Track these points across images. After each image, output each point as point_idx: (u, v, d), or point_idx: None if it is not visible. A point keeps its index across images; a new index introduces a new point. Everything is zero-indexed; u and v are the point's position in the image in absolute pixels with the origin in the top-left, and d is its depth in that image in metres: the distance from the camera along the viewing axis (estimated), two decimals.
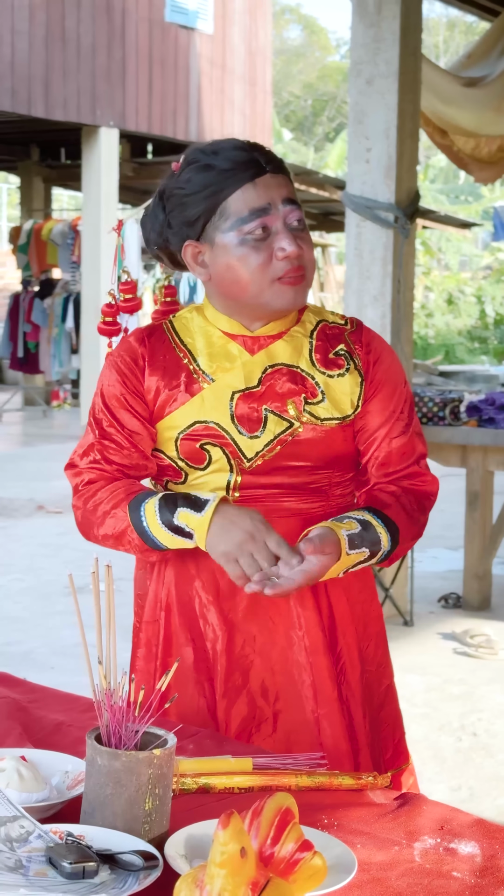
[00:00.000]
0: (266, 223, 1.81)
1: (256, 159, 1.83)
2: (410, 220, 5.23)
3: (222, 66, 13.94)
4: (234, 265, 1.83)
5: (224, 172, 1.82)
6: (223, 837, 1.11)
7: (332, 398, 1.88)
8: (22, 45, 11.62)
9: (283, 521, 1.86)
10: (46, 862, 1.27)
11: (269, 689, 1.87)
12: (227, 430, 1.85)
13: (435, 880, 1.30)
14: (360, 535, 1.81)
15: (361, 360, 1.92)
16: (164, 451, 1.89)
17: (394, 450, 1.93)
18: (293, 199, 1.85)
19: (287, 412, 1.86)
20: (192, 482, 1.87)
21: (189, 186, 1.85)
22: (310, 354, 1.90)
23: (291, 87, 35.49)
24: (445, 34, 33.88)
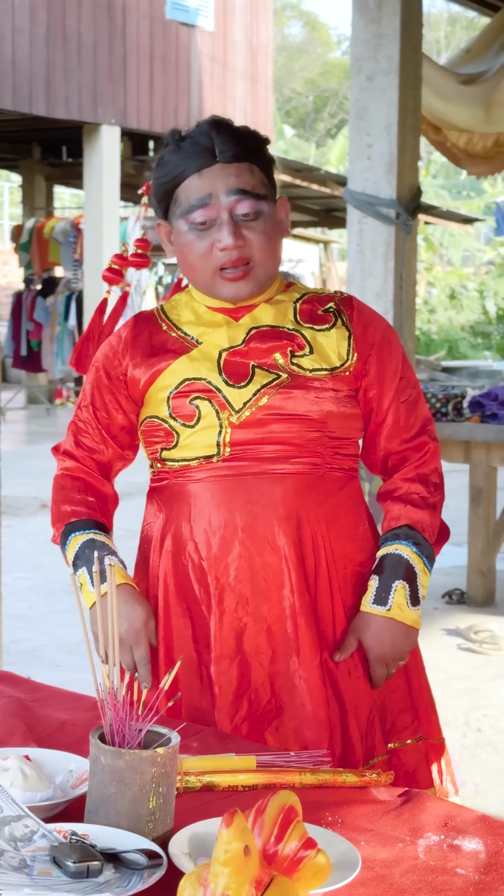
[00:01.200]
0: (208, 214, 1.87)
1: (211, 148, 1.87)
2: (412, 216, 5.23)
3: (223, 62, 13.93)
4: (185, 250, 1.91)
5: (182, 160, 1.89)
6: (227, 836, 1.11)
7: (319, 351, 1.92)
8: (23, 43, 11.62)
9: (278, 484, 1.86)
10: (51, 861, 1.27)
11: (262, 651, 1.86)
12: (215, 383, 1.88)
13: (439, 877, 1.30)
14: (382, 584, 1.89)
15: (350, 320, 1.95)
16: (157, 416, 1.92)
17: (401, 415, 1.97)
18: (244, 190, 1.87)
19: (274, 365, 1.89)
20: (184, 443, 1.89)
21: (157, 170, 1.94)
22: (295, 316, 1.94)
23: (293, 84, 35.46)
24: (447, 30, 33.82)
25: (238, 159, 1.88)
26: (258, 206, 1.88)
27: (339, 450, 1.92)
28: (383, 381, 1.96)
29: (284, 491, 1.86)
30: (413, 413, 1.99)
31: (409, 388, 1.99)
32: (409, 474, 1.98)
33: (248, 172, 1.89)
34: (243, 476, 1.87)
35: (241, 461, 1.87)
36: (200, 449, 1.88)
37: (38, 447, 11.73)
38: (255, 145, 1.92)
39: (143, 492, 2.05)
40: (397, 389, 1.97)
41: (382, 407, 1.97)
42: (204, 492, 1.88)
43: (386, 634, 1.89)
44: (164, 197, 1.93)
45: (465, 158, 6.96)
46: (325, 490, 1.90)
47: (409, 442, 1.98)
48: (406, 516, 1.94)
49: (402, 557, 1.91)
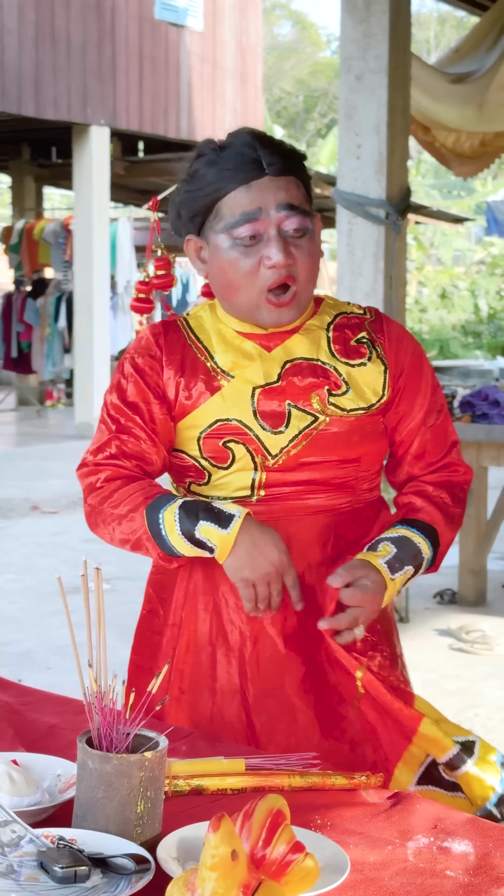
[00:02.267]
0: (256, 229, 1.78)
1: (258, 160, 1.78)
2: (402, 215, 5.23)
3: (213, 62, 13.92)
4: (226, 268, 1.81)
5: (223, 172, 1.79)
6: (214, 840, 1.10)
7: (356, 388, 1.85)
8: (12, 43, 11.60)
9: (310, 519, 1.84)
10: (38, 866, 1.26)
11: (305, 692, 1.84)
12: (250, 426, 1.82)
13: (428, 879, 1.30)
14: (397, 557, 1.83)
15: (384, 349, 1.89)
16: (186, 451, 1.85)
17: (428, 439, 1.93)
18: (293, 205, 1.79)
19: (311, 406, 1.82)
20: (216, 482, 1.84)
21: (192, 181, 1.83)
22: (329, 346, 1.87)
23: (283, 84, 35.47)
24: (436, 29, 33.86)
25: (286, 173, 1.79)
26: (305, 223, 1.80)
27: (369, 480, 1.90)
28: (412, 407, 1.91)
29: (318, 532, 1.83)
30: (440, 438, 1.94)
31: (436, 412, 1.93)
32: (437, 480, 1.94)
33: (296, 187, 1.80)
34: (277, 519, 1.82)
35: (276, 502, 1.83)
36: (233, 490, 1.83)
37: (28, 448, 11.71)
38: (298, 159, 1.84)
39: None
40: (425, 415, 1.92)
41: (409, 433, 1.92)
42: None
43: (379, 591, 1.79)
44: (202, 211, 1.82)
45: (453, 158, 6.97)
46: (359, 523, 1.88)
47: (435, 464, 1.95)
48: (429, 515, 1.89)
49: (420, 552, 1.85)
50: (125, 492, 1.82)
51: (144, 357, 1.87)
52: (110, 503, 1.82)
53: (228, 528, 1.73)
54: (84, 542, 7.12)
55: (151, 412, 1.85)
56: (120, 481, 1.83)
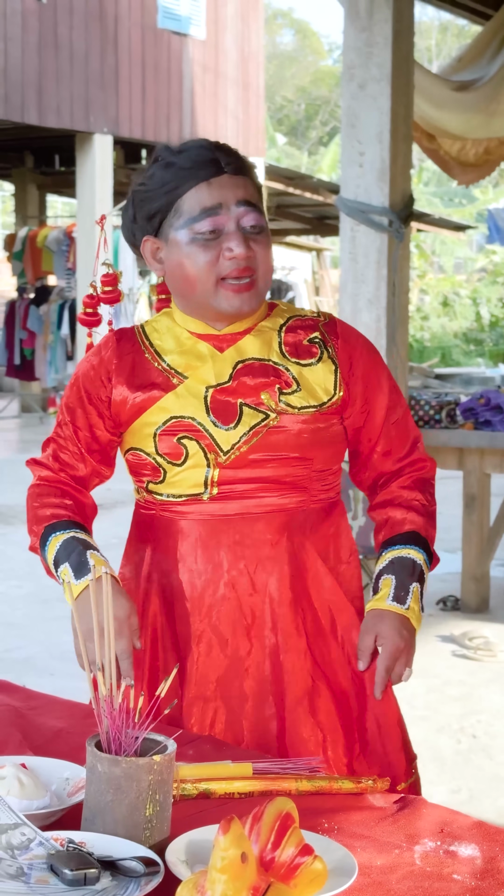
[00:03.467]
0: (217, 223, 1.83)
1: (216, 159, 1.85)
2: (404, 223, 5.24)
3: (215, 71, 13.96)
4: (184, 262, 1.85)
5: (182, 171, 1.85)
6: (224, 843, 1.11)
7: (307, 387, 1.88)
8: (15, 51, 11.63)
9: (264, 518, 1.86)
10: (48, 869, 1.27)
11: (239, 694, 1.85)
12: (203, 423, 1.85)
13: (435, 883, 1.30)
14: (399, 585, 1.88)
15: (336, 349, 1.92)
16: (142, 449, 1.89)
17: (393, 436, 1.96)
18: (251, 202, 1.85)
19: (262, 404, 1.86)
20: (171, 479, 1.87)
21: (150, 182, 1.88)
22: (280, 347, 1.91)
23: (284, 92, 35.53)
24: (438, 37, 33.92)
25: (242, 173, 1.87)
26: (262, 221, 1.86)
27: (324, 480, 1.91)
28: (372, 407, 1.94)
29: (271, 529, 1.86)
30: (403, 433, 1.98)
31: (397, 408, 1.97)
32: (407, 482, 1.97)
33: (252, 187, 1.88)
34: (230, 517, 1.86)
35: (229, 500, 1.86)
36: (187, 487, 1.86)
37: (31, 455, 11.71)
38: (250, 165, 1.91)
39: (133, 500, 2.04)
40: (386, 413, 1.95)
41: (373, 432, 1.95)
42: (191, 531, 1.87)
43: (399, 630, 1.86)
44: (161, 210, 1.87)
45: (456, 167, 6.98)
46: (311, 523, 1.90)
47: (403, 460, 1.98)
48: (411, 522, 1.94)
49: (416, 562, 1.91)
50: (41, 499, 1.97)
51: (92, 366, 1.94)
52: (31, 505, 1.99)
53: (78, 580, 1.83)
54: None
55: (89, 422, 1.94)
56: (46, 486, 1.99)
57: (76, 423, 1.95)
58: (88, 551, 1.87)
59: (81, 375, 1.95)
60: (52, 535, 1.91)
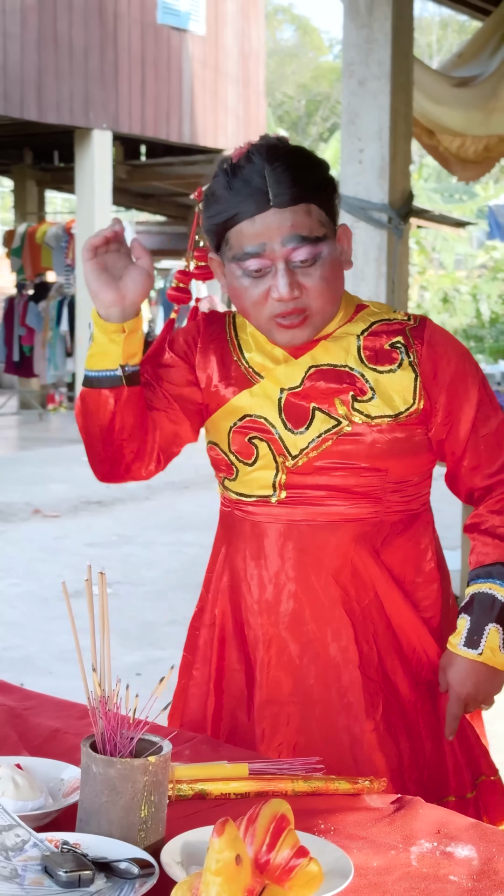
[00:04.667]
0: (262, 263, 1.75)
1: (265, 192, 1.73)
2: (404, 220, 5.24)
3: (215, 67, 13.94)
4: (238, 293, 1.81)
5: (231, 200, 1.75)
6: (218, 845, 1.11)
7: (383, 395, 1.81)
8: (14, 48, 11.61)
9: (331, 527, 1.81)
10: (42, 871, 1.26)
11: (307, 702, 1.83)
12: (274, 424, 1.82)
13: (432, 884, 1.30)
14: (474, 626, 1.83)
15: (419, 356, 1.83)
16: (218, 444, 1.87)
17: (482, 450, 1.86)
18: (301, 236, 1.73)
19: (335, 410, 1.81)
20: (243, 479, 1.85)
21: (208, 203, 1.81)
22: (358, 352, 1.84)
23: (285, 88, 35.50)
24: (438, 33, 33.89)
25: (294, 202, 1.73)
26: (315, 251, 1.75)
27: (403, 491, 1.84)
28: (457, 420, 1.85)
29: (338, 541, 1.81)
30: (494, 447, 1.87)
31: (489, 421, 1.86)
32: (496, 506, 1.87)
33: (305, 214, 1.74)
34: (296, 523, 1.82)
35: (297, 505, 1.82)
36: (257, 488, 1.83)
37: (30, 453, 11.71)
38: (312, 181, 1.77)
39: (134, 496, 2.04)
40: (473, 426, 1.85)
41: (457, 445, 1.86)
42: (260, 534, 1.84)
43: (472, 677, 1.82)
44: (216, 234, 1.81)
45: (456, 163, 6.98)
46: (382, 537, 1.84)
47: (493, 476, 1.88)
48: (496, 553, 1.84)
49: (496, 598, 1.82)
50: None
51: (182, 333, 1.91)
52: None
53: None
54: (86, 546, 7.12)
55: (173, 362, 1.88)
56: None
57: (152, 357, 1.89)
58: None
59: (169, 340, 1.90)
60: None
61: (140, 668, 4.49)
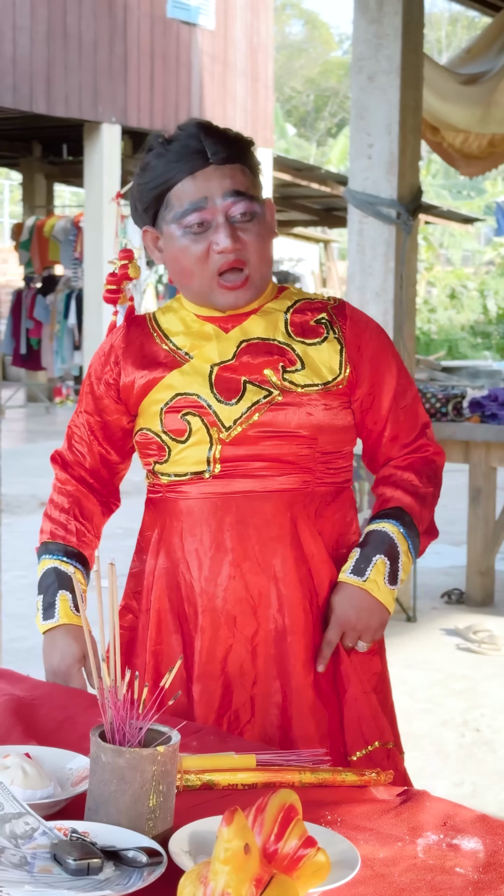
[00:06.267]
0: (203, 217, 1.84)
1: (202, 150, 1.84)
2: (413, 215, 5.23)
3: (224, 61, 13.93)
4: (179, 256, 1.88)
5: (170, 164, 1.86)
6: (227, 834, 1.11)
7: (311, 365, 1.89)
8: (24, 41, 11.61)
9: (266, 497, 1.86)
10: (51, 858, 1.27)
11: (246, 673, 1.86)
12: (207, 399, 1.87)
13: (438, 876, 1.31)
14: (363, 556, 1.88)
15: (343, 330, 1.92)
16: (150, 428, 1.91)
17: (401, 421, 1.95)
18: (238, 191, 1.85)
19: (266, 381, 1.87)
20: (175, 458, 1.88)
21: (144, 174, 1.90)
22: (286, 327, 1.91)
23: (293, 83, 35.46)
24: (448, 29, 33.82)
25: (230, 160, 1.86)
26: (253, 208, 1.86)
27: (331, 464, 1.91)
28: (380, 390, 1.94)
29: (275, 509, 1.86)
30: (411, 418, 1.98)
31: (406, 393, 1.97)
32: (403, 462, 1.97)
33: (241, 173, 1.87)
34: (232, 495, 1.86)
35: (232, 478, 1.86)
36: (191, 465, 1.87)
37: (37, 445, 11.73)
38: (243, 146, 1.90)
39: (140, 490, 2.06)
40: (394, 397, 1.95)
41: (380, 416, 1.95)
42: (195, 510, 1.88)
43: (354, 604, 1.87)
44: (154, 202, 1.89)
45: (460, 159, 6.96)
46: (314, 505, 1.89)
47: (409, 446, 1.98)
48: (397, 499, 1.94)
49: (387, 535, 1.90)
50: (50, 512, 2.03)
51: (102, 353, 1.99)
52: (46, 509, 2.06)
53: (45, 621, 1.93)
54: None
55: (98, 407, 1.98)
56: (58, 491, 2.04)
57: (86, 408, 2.00)
58: (60, 592, 1.93)
59: (93, 362, 2.00)
60: (42, 557, 1.99)
61: None
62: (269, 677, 1.86)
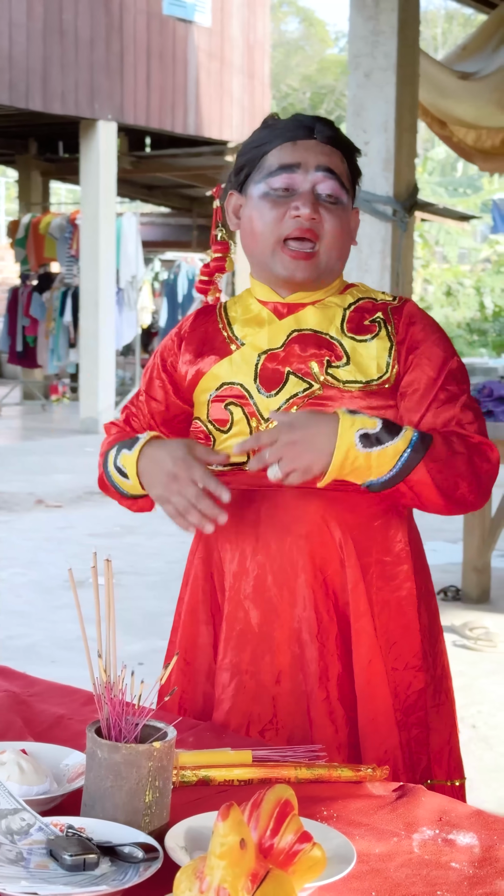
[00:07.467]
0: (292, 181, 1.83)
1: (311, 126, 1.85)
2: (409, 213, 5.24)
3: (220, 58, 13.92)
4: (254, 216, 1.86)
5: (276, 131, 1.86)
6: (223, 829, 1.11)
7: (357, 361, 1.83)
8: (20, 38, 11.60)
9: (303, 493, 1.79)
10: (47, 854, 1.27)
11: (267, 669, 1.83)
12: (249, 389, 1.84)
13: (433, 871, 1.31)
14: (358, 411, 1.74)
15: (396, 328, 1.86)
16: (199, 417, 1.91)
17: (438, 422, 1.81)
18: (332, 170, 1.83)
19: (309, 374, 1.82)
20: (219, 447, 1.87)
21: (247, 141, 1.91)
22: (342, 323, 1.86)
23: (290, 80, 35.43)
24: (444, 26, 33.80)
25: (334, 143, 1.86)
26: (341, 193, 1.85)
27: None
28: (422, 381, 1.82)
29: (309, 507, 1.80)
30: (453, 412, 1.81)
31: (453, 386, 1.83)
32: (444, 430, 1.80)
33: (339, 160, 1.86)
34: (268, 490, 1.81)
35: None
36: (233, 455, 1.83)
37: (33, 443, 11.72)
38: (351, 147, 1.91)
39: None
40: (438, 390, 1.82)
41: (420, 408, 1.82)
42: (232, 502, 1.81)
43: (310, 420, 1.71)
44: (248, 164, 1.88)
45: (476, 154, 6.95)
46: (353, 505, 1.81)
47: (446, 426, 1.81)
48: (425, 431, 1.77)
49: (399, 429, 1.73)
50: (107, 443, 1.98)
51: (170, 337, 1.99)
52: (103, 448, 1.99)
53: (132, 450, 1.84)
54: (89, 536, 7.13)
55: (162, 390, 1.96)
56: (117, 435, 1.99)
57: (149, 391, 1.99)
58: (142, 434, 1.88)
59: (161, 346, 2.00)
60: (109, 452, 1.93)
61: (144, 658, 4.50)
62: (291, 678, 1.82)
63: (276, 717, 1.82)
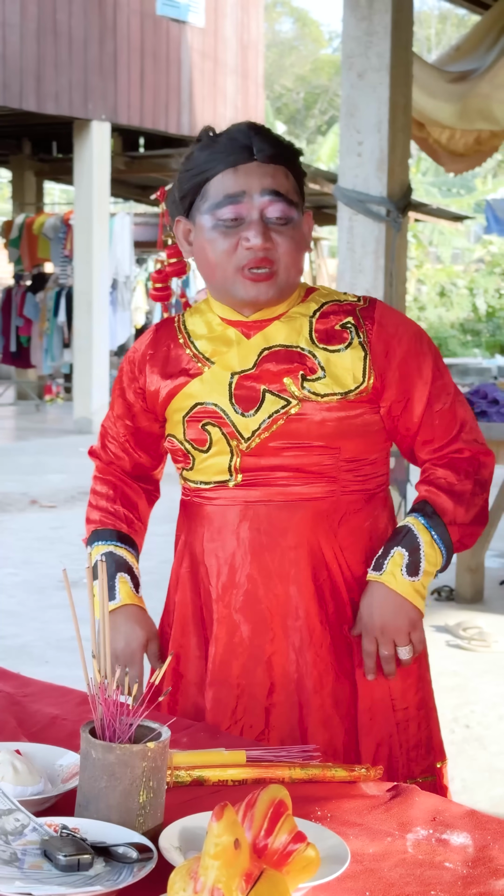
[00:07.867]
0: (238, 211, 1.80)
1: (249, 146, 1.80)
2: (402, 213, 5.24)
3: (214, 59, 13.91)
4: (206, 247, 1.84)
5: (214, 154, 1.82)
6: (217, 829, 1.11)
7: (332, 373, 1.82)
8: (13, 38, 11.59)
9: (291, 507, 1.82)
10: (41, 855, 1.27)
11: (260, 682, 1.84)
12: (225, 410, 1.84)
13: (427, 871, 1.31)
14: (384, 551, 1.85)
15: (369, 335, 1.85)
16: (174, 436, 1.90)
17: (436, 424, 1.88)
18: (278, 192, 1.80)
19: (285, 390, 1.82)
20: (199, 467, 1.87)
21: (186, 164, 1.87)
22: (310, 333, 1.85)
23: (283, 80, 35.43)
24: (437, 27, 33.82)
25: (275, 161, 1.81)
26: (290, 213, 1.81)
27: (357, 471, 1.85)
28: (411, 396, 1.86)
29: (296, 519, 1.82)
30: (447, 422, 1.89)
31: (441, 396, 1.88)
32: (441, 462, 1.90)
33: (284, 176, 1.82)
34: (253, 504, 1.83)
35: (254, 487, 1.83)
36: (214, 474, 1.85)
37: (27, 443, 11.71)
38: (291, 152, 1.86)
39: None
40: (428, 402, 1.87)
41: (413, 422, 1.88)
42: (217, 517, 1.85)
43: (377, 603, 1.82)
44: (191, 191, 1.85)
45: (445, 155, 6.96)
46: (339, 515, 1.85)
47: (442, 449, 1.90)
48: (425, 495, 1.88)
49: (406, 527, 1.85)
50: (95, 500, 2.04)
51: (130, 357, 1.99)
52: (90, 498, 2.07)
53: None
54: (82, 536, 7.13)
55: (129, 412, 1.99)
56: (100, 480, 2.05)
57: (118, 412, 2.00)
58: (119, 574, 1.92)
59: (123, 365, 1.99)
60: (94, 544, 1.98)
61: None
62: (284, 688, 1.83)
63: (267, 729, 1.84)
